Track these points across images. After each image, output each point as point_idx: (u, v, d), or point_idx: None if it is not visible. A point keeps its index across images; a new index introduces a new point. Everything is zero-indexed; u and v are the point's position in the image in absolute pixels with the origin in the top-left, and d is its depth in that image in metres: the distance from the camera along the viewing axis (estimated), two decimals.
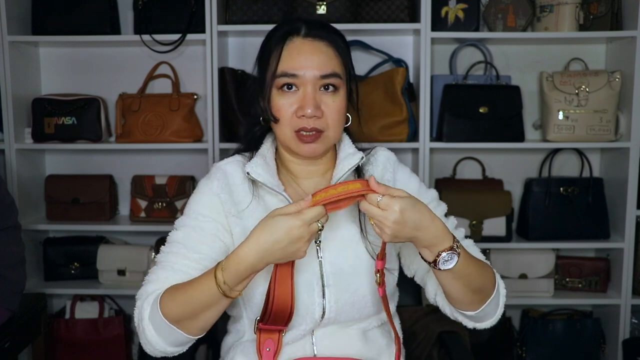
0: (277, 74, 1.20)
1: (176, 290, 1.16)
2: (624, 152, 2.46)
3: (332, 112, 1.21)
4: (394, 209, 1.06)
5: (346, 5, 2.37)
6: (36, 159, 2.69)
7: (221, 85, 2.45)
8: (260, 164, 1.26)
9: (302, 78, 1.19)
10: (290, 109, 1.20)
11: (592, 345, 2.56)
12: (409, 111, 2.42)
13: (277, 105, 1.21)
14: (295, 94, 1.20)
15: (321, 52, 1.21)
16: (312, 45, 1.21)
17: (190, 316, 1.14)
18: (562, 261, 2.60)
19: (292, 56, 1.20)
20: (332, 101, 1.21)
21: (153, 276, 1.24)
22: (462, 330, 1.61)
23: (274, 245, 1.07)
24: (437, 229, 1.11)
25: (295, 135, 1.21)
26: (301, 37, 1.22)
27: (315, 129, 1.20)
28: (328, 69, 1.20)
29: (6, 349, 1.96)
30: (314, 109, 1.18)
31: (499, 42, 2.60)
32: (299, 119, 1.20)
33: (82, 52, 2.70)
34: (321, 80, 1.20)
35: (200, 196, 1.28)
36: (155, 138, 2.50)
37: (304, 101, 1.19)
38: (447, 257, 1.12)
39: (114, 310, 2.66)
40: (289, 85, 1.20)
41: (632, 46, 2.38)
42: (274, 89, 1.22)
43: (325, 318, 1.24)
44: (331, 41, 1.23)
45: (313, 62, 1.19)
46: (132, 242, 2.77)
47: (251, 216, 1.25)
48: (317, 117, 1.19)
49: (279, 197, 1.25)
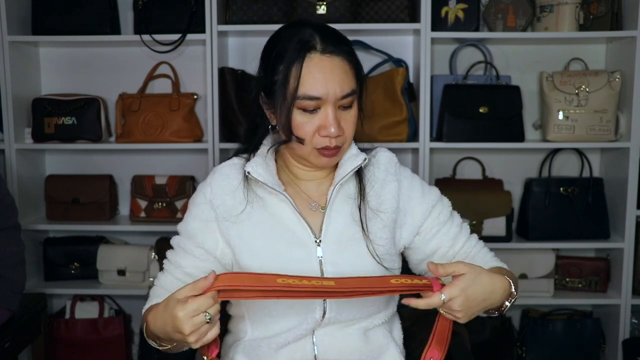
0: (299, 95, 1.18)
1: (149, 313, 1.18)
2: (624, 152, 2.46)
3: (350, 126, 1.23)
4: (454, 295, 1.10)
5: (346, 5, 2.37)
6: (36, 159, 2.69)
7: (221, 85, 2.45)
8: (260, 163, 1.26)
9: (324, 99, 1.19)
10: (312, 128, 1.20)
11: (592, 345, 2.56)
12: (409, 111, 2.42)
13: (298, 124, 1.20)
14: (316, 113, 1.20)
15: (340, 71, 1.20)
16: (330, 63, 1.19)
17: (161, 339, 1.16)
18: (562, 261, 2.60)
19: (313, 76, 1.18)
20: (349, 116, 1.23)
21: (155, 290, 1.31)
22: (462, 330, 1.61)
23: (164, 327, 1.07)
24: (502, 289, 1.17)
25: (316, 151, 1.22)
26: (319, 53, 1.19)
27: (338, 146, 1.22)
28: (347, 89, 1.20)
29: (6, 349, 1.96)
30: (337, 129, 1.19)
31: (499, 42, 2.60)
32: (322, 137, 1.20)
33: (82, 52, 2.70)
34: (341, 101, 1.20)
35: (195, 209, 1.29)
36: (155, 138, 2.50)
37: (326, 121, 1.19)
38: (509, 303, 1.20)
39: (114, 310, 2.66)
40: (312, 109, 1.20)
41: (632, 46, 2.38)
42: (295, 108, 1.20)
43: (326, 318, 1.23)
44: (346, 55, 1.22)
45: (334, 83, 1.18)
46: (132, 242, 2.77)
47: (248, 219, 1.25)
48: (339, 135, 1.21)
49: (280, 196, 1.25)
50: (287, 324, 1.25)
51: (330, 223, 1.26)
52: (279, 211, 1.26)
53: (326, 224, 1.25)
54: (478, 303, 1.12)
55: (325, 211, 1.26)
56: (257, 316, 1.27)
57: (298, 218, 1.24)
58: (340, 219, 1.27)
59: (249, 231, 1.25)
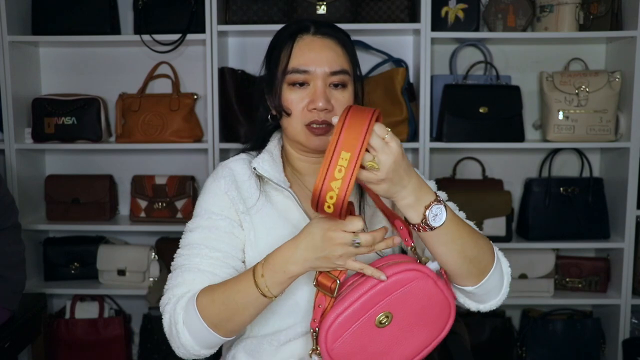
0: (288, 70, 1.23)
1: (213, 292, 1.15)
2: (624, 152, 2.46)
3: (342, 106, 1.22)
4: (394, 145, 1.00)
5: (346, 5, 2.37)
6: (36, 159, 2.69)
7: (221, 85, 2.45)
8: (267, 159, 1.28)
9: (313, 74, 1.22)
10: (301, 104, 1.22)
11: (592, 345, 2.56)
12: (409, 111, 2.42)
13: (288, 100, 1.23)
14: (305, 89, 1.23)
15: (330, 49, 1.24)
16: (321, 42, 1.24)
17: (228, 318, 1.14)
18: (562, 261, 2.60)
19: (302, 52, 1.23)
20: (341, 96, 1.23)
21: (178, 279, 1.21)
22: (462, 330, 1.61)
23: (314, 252, 1.07)
24: (418, 178, 1.06)
25: (306, 128, 1.23)
26: (311, 34, 1.25)
27: (326, 121, 1.22)
28: (337, 66, 1.23)
29: (6, 349, 1.96)
30: (325, 102, 1.20)
31: (499, 42, 2.60)
32: (310, 112, 1.22)
33: (82, 52, 2.70)
34: (331, 77, 1.22)
35: (209, 195, 1.28)
36: (155, 138, 2.50)
37: (314, 95, 1.21)
38: (436, 210, 1.05)
39: (114, 310, 2.66)
40: (301, 83, 1.22)
41: (632, 46, 2.38)
42: (285, 85, 1.24)
43: None
44: (339, 39, 1.26)
45: (323, 59, 1.22)
46: (132, 242, 2.77)
47: (258, 213, 1.26)
48: (328, 111, 1.21)
49: (285, 193, 1.26)
50: (289, 321, 1.25)
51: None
52: (284, 208, 1.27)
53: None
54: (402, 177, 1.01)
55: None
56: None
57: (303, 216, 1.25)
58: None
59: (258, 225, 1.26)
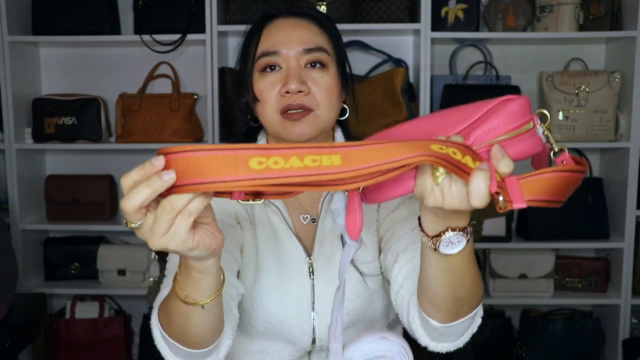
0: (257, 55, 1.07)
1: (163, 303, 0.93)
2: (624, 152, 2.46)
3: (321, 89, 1.06)
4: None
5: (346, 5, 2.37)
6: (36, 159, 2.69)
7: (221, 85, 2.45)
8: None
9: (284, 55, 1.06)
10: (274, 90, 1.06)
11: (592, 345, 2.56)
12: (409, 111, 2.42)
13: (259, 88, 1.07)
14: (277, 72, 1.06)
15: (303, 27, 1.08)
16: (293, 22, 1.09)
17: (179, 329, 0.90)
18: (562, 261, 2.60)
19: (271, 34, 1.08)
20: (320, 77, 1.06)
21: (167, 279, 1.05)
22: None
23: None
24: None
25: (281, 117, 1.05)
26: (282, 18, 1.10)
27: (303, 105, 1.04)
28: (312, 43, 1.07)
29: (6, 349, 1.96)
30: (299, 84, 1.03)
31: (498, 42, 2.60)
32: (283, 97, 1.05)
33: (82, 52, 2.70)
34: (305, 56, 1.06)
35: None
36: (155, 138, 2.50)
37: (287, 77, 1.05)
38: (455, 238, 0.83)
39: (114, 310, 2.66)
40: (272, 66, 1.06)
41: (632, 46, 2.38)
42: (256, 74, 1.08)
43: (317, 345, 1.14)
44: (315, 18, 1.10)
45: (294, 37, 1.06)
46: (132, 242, 2.77)
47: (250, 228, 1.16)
48: (304, 94, 1.04)
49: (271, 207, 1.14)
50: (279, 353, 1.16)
51: (322, 240, 1.14)
52: (272, 221, 1.14)
53: (318, 240, 1.13)
54: None
55: (316, 224, 1.14)
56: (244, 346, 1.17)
57: (289, 233, 1.13)
58: (330, 235, 1.14)
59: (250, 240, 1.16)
